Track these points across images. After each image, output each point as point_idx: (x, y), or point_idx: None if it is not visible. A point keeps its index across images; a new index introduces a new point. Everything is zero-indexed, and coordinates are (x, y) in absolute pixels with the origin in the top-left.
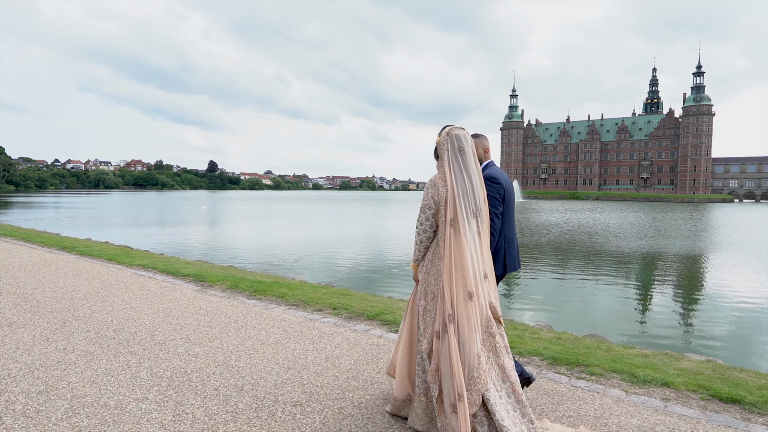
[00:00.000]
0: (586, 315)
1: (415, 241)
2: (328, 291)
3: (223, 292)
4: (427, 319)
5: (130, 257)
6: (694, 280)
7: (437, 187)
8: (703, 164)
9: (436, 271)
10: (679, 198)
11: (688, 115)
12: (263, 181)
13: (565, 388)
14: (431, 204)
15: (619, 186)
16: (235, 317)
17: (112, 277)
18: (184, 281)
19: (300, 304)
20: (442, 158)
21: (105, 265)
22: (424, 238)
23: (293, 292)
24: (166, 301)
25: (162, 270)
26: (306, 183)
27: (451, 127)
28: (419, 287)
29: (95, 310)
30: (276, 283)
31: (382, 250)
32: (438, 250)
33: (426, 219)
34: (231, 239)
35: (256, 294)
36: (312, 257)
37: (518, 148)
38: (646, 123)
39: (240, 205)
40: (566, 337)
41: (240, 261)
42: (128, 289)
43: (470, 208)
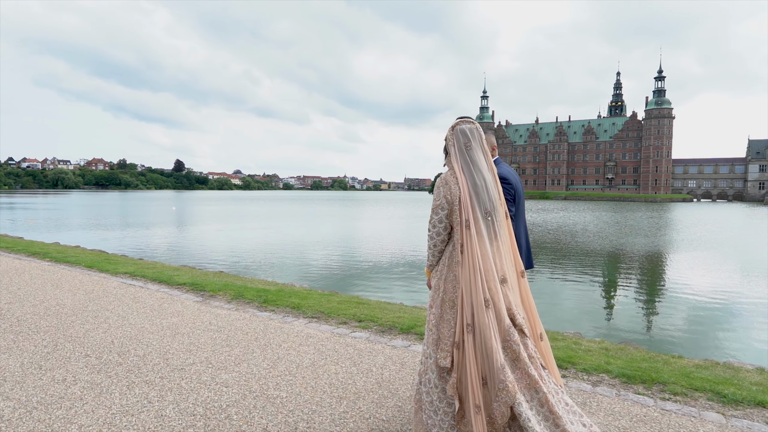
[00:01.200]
0: (559, 312)
1: (428, 245)
2: (342, 299)
3: (228, 303)
4: (444, 329)
5: (112, 263)
6: (658, 276)
7: (449, 186)
8: (664, 165)
9: (454, 277)
10: (642, 198)
11: (650, 118)
12: (232, 180)
13: (657, 412)
14: (444, 204)
15: (585, 186)
16: (254, 334)
17: (98, 288)
18: (180, 291)
19: (319, 316)
20: (451, 155)
21: (86, 273)
22: (438, 241)
23: (306, 302)
24: (168, 315)
25: (152, 278)
26: (276, 183)
27: (459, 121)
28: (432, 295)
29: (89, 328)
30: (283, 292)
31: (360, 251)
32: (455, 254)
33: (439, 220)
34: (207, 241)
35: (266, 305)
36: (292, 259)
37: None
38: (611, 125)
39: (210, 205)
40: (614, 348)
41: (221, 264)
42: (120, 301)
43: (483, 207)
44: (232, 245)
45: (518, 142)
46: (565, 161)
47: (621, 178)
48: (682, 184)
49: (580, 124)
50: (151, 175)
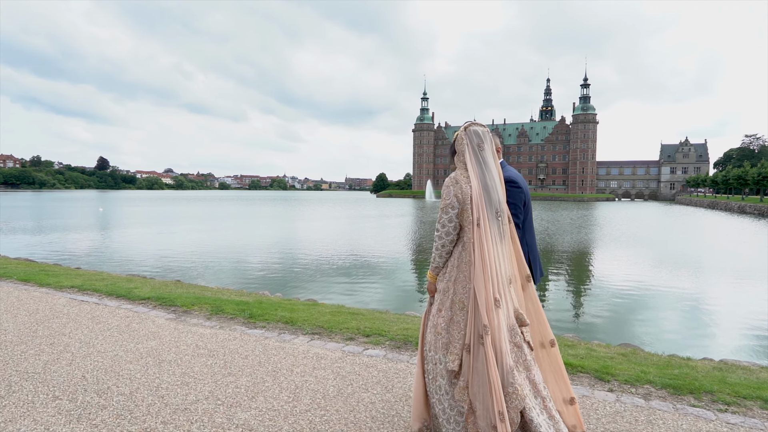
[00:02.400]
0: None
1: (435, 246)
2: (333, 310)
3: (208, 319)
4: (454, 332)
5: (52, 275)
6: (585, 270)
7: (460, 185)
8: (590, 167)
9: (464, 278)
10: (571, 197)
11: (577, 123)
12: (163, 180)
13: (725, 427)
14: (454, 203)
15: None
16: (255, 357)
17: (44, 307)
18: (146, 307)
19: (320, 331)
20: (462, 154)
21: (22, 289)
22: (448, 241)
23: (297, 315)
24: (142, 338)
25: (107, 292)
26: (212, 182)
27: (470, 123)
28: (441, 298)
29: (48, 359)
30: (263, 303)
31: (305, 252)
32: (465, 254)
33: (449, 220)
34: (144, 245)
35: (253, 320)
36: (235, 262)
37: (429, 150)
38: (542, 128)
39: (141, 206)
40: (628, 352)
41: (164, 270)
42: (77, 322)
43: (494, 207)
44: (172, 249)
45: None
46: None
47: (552, 178)
48: (605, 184)
49: (514, 127)
50: (71, 173)
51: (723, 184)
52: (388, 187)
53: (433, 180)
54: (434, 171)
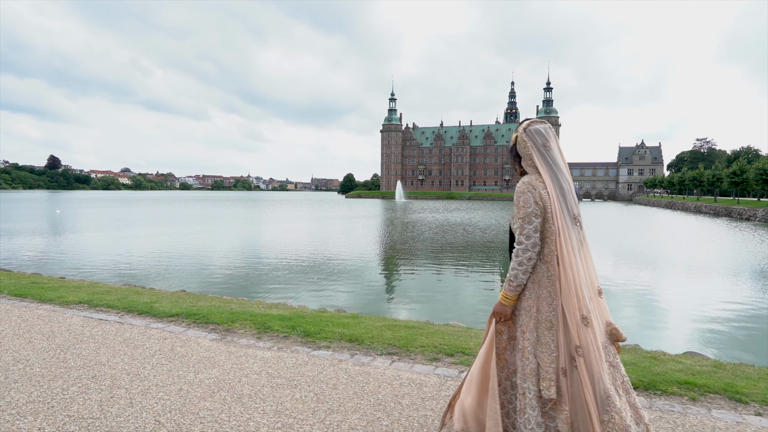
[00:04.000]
0: (457, 306)
1: (518, 260)
2: (388, 324)
3: (258, 339)
4: (543, 355)
5: (47, 289)
6: None
7: (538, 190)
8: None
9: (548, 294)
10: None
11: None
12: (120, 180)
13: None
14: (536, 210)
15: (486, 186)
16: (344, 386)
17: (58, 327)
18: (178, 325)
19: (396, 351)
20: (530, 158)
21: (21, 306)
22: (534, 254)
23: (356, 331)
24: (198, 365)
25: (125, 308)
26: (172, 182)
27: (530, 121)
28: (524, 319)
29: (101, 399)
30: (306, 318)
31: (271, 254)
32: (544, 267)
33: (535, 230)
34: (109, 249)
35: (311, 339)
36: (206, 266)
37: (397, 150)
38: (507, 130)
39: (100, 207)
40: (698, 363)
41: (127, 276)
42: (108, 347)
43: (571, 212)
44: (134, 253)
45: (425, 144)
46: (467, 163)
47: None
48: None
49: (480, 129)
50: (18, 172)
51: (680, 185)
52: (356, 188)
53: (401, 181)
54: (402, 171)
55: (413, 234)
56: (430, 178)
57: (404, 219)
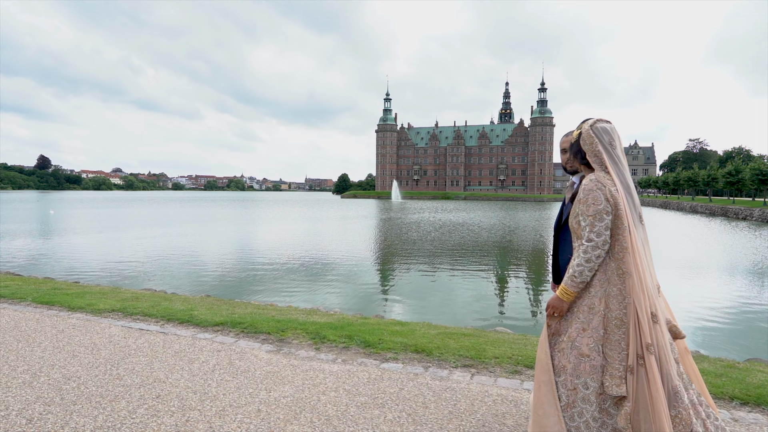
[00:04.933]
0: (455, 306)
1: (586, 257)
2: (441, 332)
3: (317, 350)
4: (613, 353)
5: (71, 295)
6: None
7: (608, 187)
8: (547, 168)
9: (618, 292)
10: (531, 198)
11: (535, 125)
12: (111, 180)
13: None
14: (608, 207)
15: (481, 186)
16: (436, 406)
17: (99, 339)
18: (227, 335)
19: (470, 363)
20: (597, 154)
21: (51, 315)
22: (603, 252)
23: (418, 341)
24: (266, 381)
25: (164, 316)
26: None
27: (595, 120)
28: (585, 316)
29: (177, 423)
30: (354, 325)
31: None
32: (614, 264)
33: (605, 227)
34: (107, 250)
35: (374, 350)
36: (201, 266)
37: (392, 150)
38: (502, 131)
39: (93, 208)
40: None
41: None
42: (161, 361)
43: (637, 210)
44: (132, 253)
45: (420, 144)
46: (462, 163)
47: (511, 179)
48: (561, 185)
49: (475, 129)
50: (8, 173)
51: (675, 185)
52: (350, 188)
53: (398, 181)
54: (398, 171)
55: (419, 234)
56: (425, 178)
57: (406, 219)
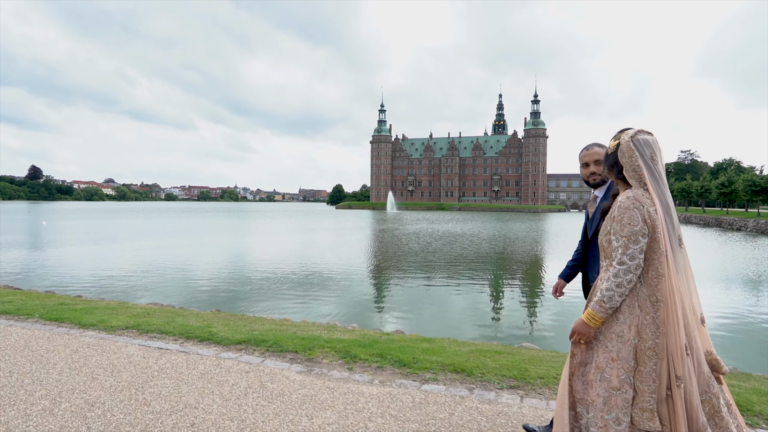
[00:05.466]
0: (445, 318)
1: (615, 282)
2: (475, 349)
3: (349, 371)
4: (644, 385)
5: (80, 311)
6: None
7: (646, 207)
8: (541, 179)
9: (651, 320)
10: (525, 209)
11: (528, 137)
12: (104, 190)
13: None
14: (644, 229)
15: (475, 197)
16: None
17: (118, 360)
18: (251, 354)
19: (518, 384)
20: (636, 169)
21: (62, 333)
22: (635, 276)
23: (457, 360)
24: (304, 407)
25: (182, 334)
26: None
27: (636, 131)
28: (615, 345)
29: None
30: (380, 343)
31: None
32: (652, 292)
33: (640, 251)
34: (108, 263)
35: (410, 370)
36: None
37: (387, 161)
38: (496, 142)
39: (86, 219)
40: None
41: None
42: (189, 384)
43: (677, 232)
44: (136, 265)
45: (414, 155)
46: (457, 174)
47: (505, 190)
48: (555, 196)
49: (469, 140)
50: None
51: None
52: (345, 199)
53: (392, 191)
54: (392, 182)
55: (420, 245)
56: (420, 189)
57: (405, 230)
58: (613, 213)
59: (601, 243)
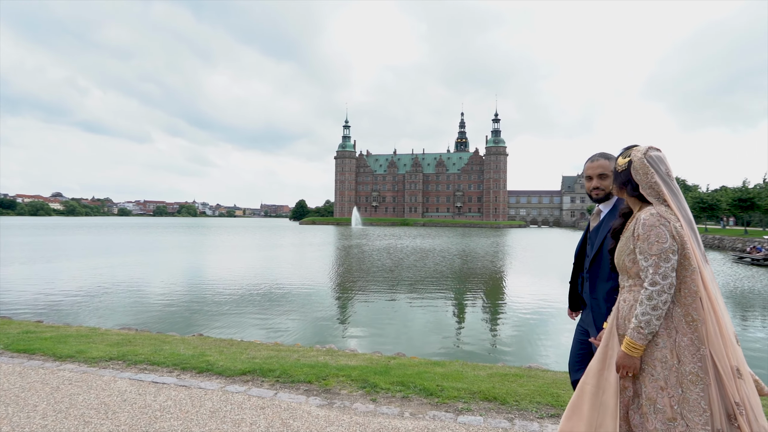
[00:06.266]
0: (405, 334)
1: (650, 305)
2: (497, 373)
3: (373, 402)
4: (693, 415)
5: (52, 341)
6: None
7: (672, 223)
8: (502, 196)
9: (691, 342)
10: (487, 224)
11: (489, 154)
12: (51, 205)
13: None
14: (674, 246)
15: (438, 213)
16: None
17: (109, 398)
18: (259, 386)
19: (559, 413)
20: (653, 186)
21: (35, 367)
22: (669, 297)
23: (466, 385)
24: None
25: (174, 364)
26: (110, 208)
27: (647, 147)
28: (659, 371)
29: None
30: (386, 367)
31: (225, 285)
32: (687, 311)
33: (672, 268)
34: (45, 283)
35: (438, 398)
36: (145, 298)
37: (351, 177)
38: (458, 159)
39: (33, 235)
40: None
41: (46, 311)
42: (201, 425)
43: (701, 248)
44: (59, 285)
45: (378, 171)
46: (420, 190)
47: (468, 206)
48: (515, 212)
49: (433, 157)
50: None
51: None
52: (308, 214)
53: (357, 207)
54: (356, 198)
55: (393, 261)
56: (384, 205)
57: (375, 245)
58: (638, 231)
59: (623, 263)
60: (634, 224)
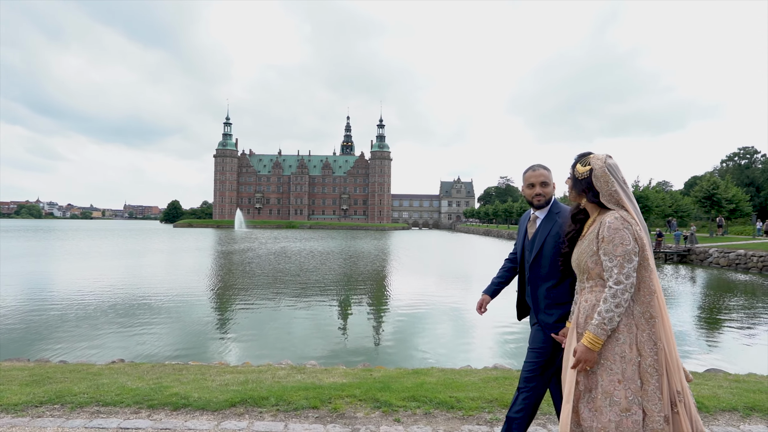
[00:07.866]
0: (288, 341)
1: (614, 302)
2: (483, 377)
3: (400, 424)
4: (651, 403)
5: None
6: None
7: (632, 226)
8: (386, 199)
9: (649, 338)
10: (373, 227)
11: (375, 159)
12: None
13: None
14: (636, 248)
15: (325, 216)
16: None
17: None
18: (259, 419)
19: None
20: (613, 193)
21: None
22: (630, 295)
23: (475, 394)
24: None
25: (135, 401)
26: None
27: (605, 156)
28: (619, 365)
29: None
30: (380, 382)
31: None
32: (645, 309)
33: (634, 269)
34: None
35: (458, 411)
36: None
37: (233, 177)
38: (345, 162)
39: None
40: None
41: None
42: None
43: (652, 250)
44: None
45: (262, 172)
46: (306, 192)
47: (353, 209)
48: (398, 214)
49: (319, 159)
50: None
51: (493, 215)
52: (183, 216)
53: (240, 209)
54: (239, 199)
55: (295, 265)
56: (268, 207)
57: (272, 249)
58: (602, 234)
59: (584, 265)
60: (598, 227)
